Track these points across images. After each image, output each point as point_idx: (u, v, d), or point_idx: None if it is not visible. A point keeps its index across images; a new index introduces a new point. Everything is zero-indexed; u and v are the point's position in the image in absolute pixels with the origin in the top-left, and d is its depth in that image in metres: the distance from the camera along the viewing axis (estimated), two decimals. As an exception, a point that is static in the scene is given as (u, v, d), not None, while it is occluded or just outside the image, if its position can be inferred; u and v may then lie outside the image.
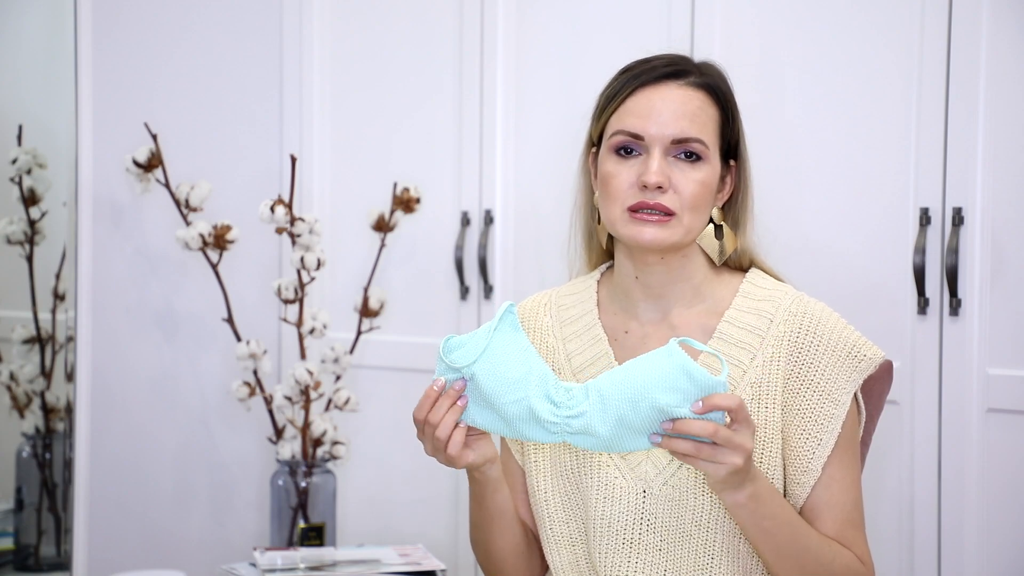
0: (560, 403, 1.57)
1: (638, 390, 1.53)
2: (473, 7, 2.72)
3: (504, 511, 1.76)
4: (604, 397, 1.55)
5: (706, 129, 1.71)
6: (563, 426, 1.56)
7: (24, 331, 2.44)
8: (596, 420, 1.55)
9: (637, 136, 1.69)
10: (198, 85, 2.82)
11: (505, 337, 1.60)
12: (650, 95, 1.71)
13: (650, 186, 1.67)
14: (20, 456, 2.45)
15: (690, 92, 1.72)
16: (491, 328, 1.59)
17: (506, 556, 1.80)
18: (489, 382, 1.58)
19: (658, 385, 1.52)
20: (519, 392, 1.57)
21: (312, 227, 2.50)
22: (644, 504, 1.71)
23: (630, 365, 1.55)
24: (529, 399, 1.57)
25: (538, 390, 1.57)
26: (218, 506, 2.87)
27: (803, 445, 1.69)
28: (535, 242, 2.67)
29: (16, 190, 2.41)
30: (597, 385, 1.56)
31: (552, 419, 1.57)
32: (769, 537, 1.63)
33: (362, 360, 2.83)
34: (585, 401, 1.56)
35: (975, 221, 2.17)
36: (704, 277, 1.76)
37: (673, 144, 1.69)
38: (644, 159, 1.69)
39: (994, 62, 2.15)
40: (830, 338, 1.71)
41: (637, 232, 1.68)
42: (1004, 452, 2.17)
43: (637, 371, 1.54)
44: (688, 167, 1.69)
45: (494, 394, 1.58)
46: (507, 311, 1.60)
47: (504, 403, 1.58)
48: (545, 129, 2.65)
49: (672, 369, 1.52)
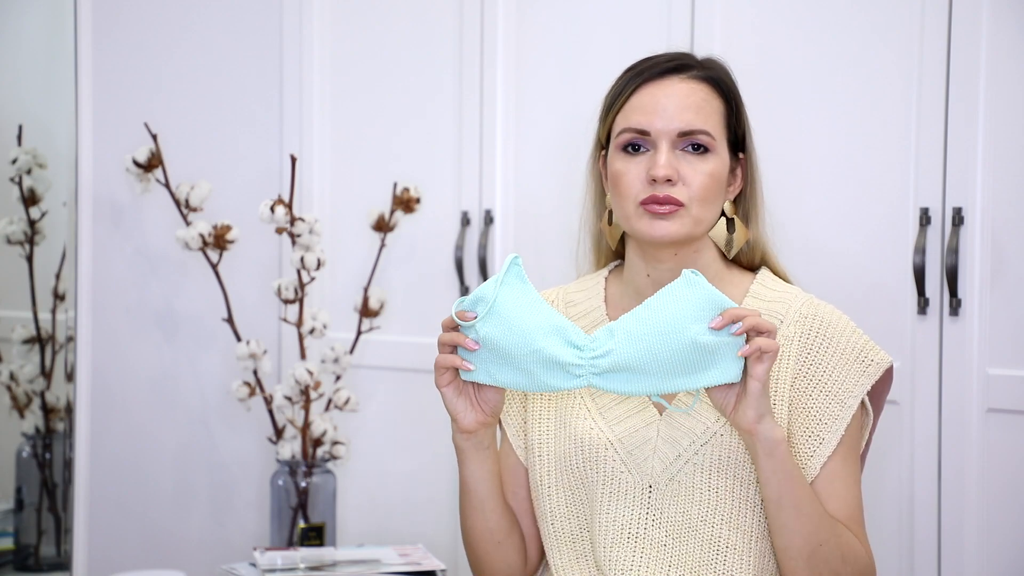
0: (583, 346, 1.55)
1: (668, 322, 1.53)
2: (473, 7, 2.72)
3: (473, 489, 1.74)
4: (631, 333, 1.54)
5: (711, 120, 1.71)
6: (589, 367, 1.55)
7: (24, 331, 2.44)
8: (625, 356, 1.53)
9: (643, 132, 1.70)
10: (198, 85, 2.82)
11: (513, 291, 1.58)
12: (653, 91, 1.72)
13: (659, 179, 1.68)
14: (20, 456, 2.44)
15: (693, 85, 1.72)
16: (497, 281, 1.57)
17: (477, 538, 1.79)
18: (503, 336, 1.55)
19: (687, 315, 1.52)
20: (536, 342, 1.55)
21: (312, 227, 2.50)
22: (650, 500, 1.71)
23: (652, 302, 1.55)
24: (547, 348, 1.54)
25: (557, 338, 1.55)
26: (218, 506, 2.87)
27: (805, 443, 1.70)
28: (535, 242, 2.67)
29: (16, 190, 2.41)
30: (622, 325, 1.55)
31: (577, 362, 1.55)
32: (795, 487, 1.61)
33: (362, 360, 2.83)
34: (611, 340, 1.54)
35: (975, 221, 2.17)
36: (715, 274, 1.76)
37: (680, 137, 1.70)
38: (652, 154, 1.70)
39: (994, 62, 2.15)
40: (840, 341, 1.71)
41: (649, 227, 1.69)
42: (1004, 452, 2.17)
43: (662, 305, 1.54)
44: (696, 159, 1.70)
45: (510, 347, 1.55)
46: (512, 263, 1.58)
47: (522, 355, 1.55)
48: (545, 129, 2.65)
49: (698, 298, 1.53)
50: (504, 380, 1.58)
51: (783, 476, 1.61)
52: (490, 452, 1.72)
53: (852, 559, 1.67)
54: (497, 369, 1.58)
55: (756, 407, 1.56)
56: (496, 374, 1.58)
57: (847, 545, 1.67)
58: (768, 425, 1.58)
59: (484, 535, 1.78)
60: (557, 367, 1.55)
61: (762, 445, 1.59)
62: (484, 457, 1.72)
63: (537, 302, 1.58)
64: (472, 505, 1.77)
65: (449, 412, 1.65)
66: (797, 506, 1.62)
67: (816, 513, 1.64)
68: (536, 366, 1.56)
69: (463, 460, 1.72)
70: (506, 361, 1.57)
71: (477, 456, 1.71)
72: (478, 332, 1.57)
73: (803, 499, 1.62)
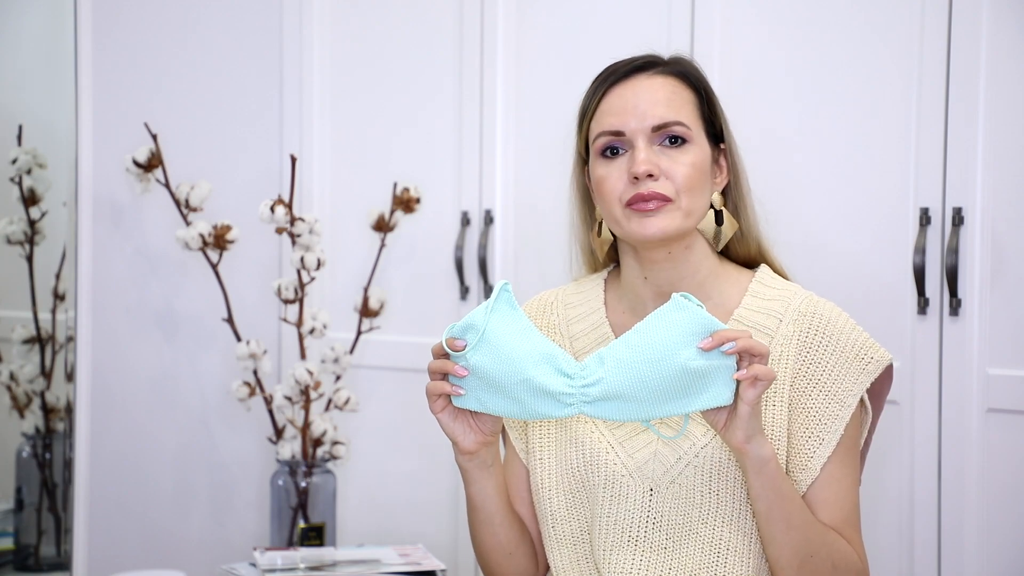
0: (574, 374, 1.55)
1: (658, 349, 1.52)
2: (473, 7, 2.72)
3: (480, 506, 1.74)
4: (621, 361, 1.53)
5: (684, 111, 1.71)
6: (579, 396, 1.54)
7: (24, 331, 2.44)
8: (616, 384, 1.53)
9: (618, 132, 1.70)
10: (198, 85, 2.82)
11: (503, 317, 1.57)
12: (622, 91, 1.72)
13: (640, 176, 1.67)
14: (20, 456, 2.44)
15: (660, 79, 1.73)
16: (487, 308, 1.57)
17: (488, 551, 1.79)
18: (493, 366, 1.55)
19: (677, 341, 1.52)
20: (526, 371, 1.54)
21: (312, 227, 2.50)
22: (651, 502, 1.71)
23: (642, 327, 1.54)
24: (537, 377, 1.54)
25: (547, 367, 1.55)
26: (218, 506, 2.87)
27: (805, 443, 1.70)
28: (535, 242, 2.67)
29: (16, 190, 2.41)
30: (612, 352, 1.54)
31: (567, 390, 1.54)
32: (785, 503, 1.62)
33: (362, 360, 2.83)
34: (600, 368, 1.54)
35: (975, 221, 2.17)
36: (710, 271, 1.76)
37: (655, 132, 1.70)
38: (631, 153, 1.70)
39: (994, 62, 2.15)
40: (839, 339, 1.71)
41: (639, 226, 1.68)
42: (1004, 452, 2.17)
43: (652, 331, 1.53)
44: (675, 152, 1.70)
45: (500, 376, 1.55)
46: (502, 290, 1.58)
47: (512, 384, 1.55)
48: (545, 129, 2.65)
49: (687, 322, 1.52)
50: (495, 408, 1.58)
51: (772, 492, 1.61)
52: (494, 469, 1.72)
53: (844, 567, 1.67)
54: (488, 396, 1.58)
55: (745, 428, 1.56)
56: (487, 402, 1.58)
57: (838, 553, 1.67)
58: (757, 444, 1.58)
59: (495, 548, 1.79)
60: (547, 396, 1.55)
61: (751, 463, 1.59)
62: (489, 475, 1.71)
63: (527, 329, 1.57)
64: (480, 521, 1.77)
65: (448, 436, 1.64)
66: (787, 520, 1.63)
67: (806, 525, 1.64)
68: (526, 394, 1.55)
69: (468, 480, 1.72)
70: (497, 389, 1.57)
71: (481, 476, 1.71)
72: (468, 361, 1.57)
73: (793, 513, 1.63)
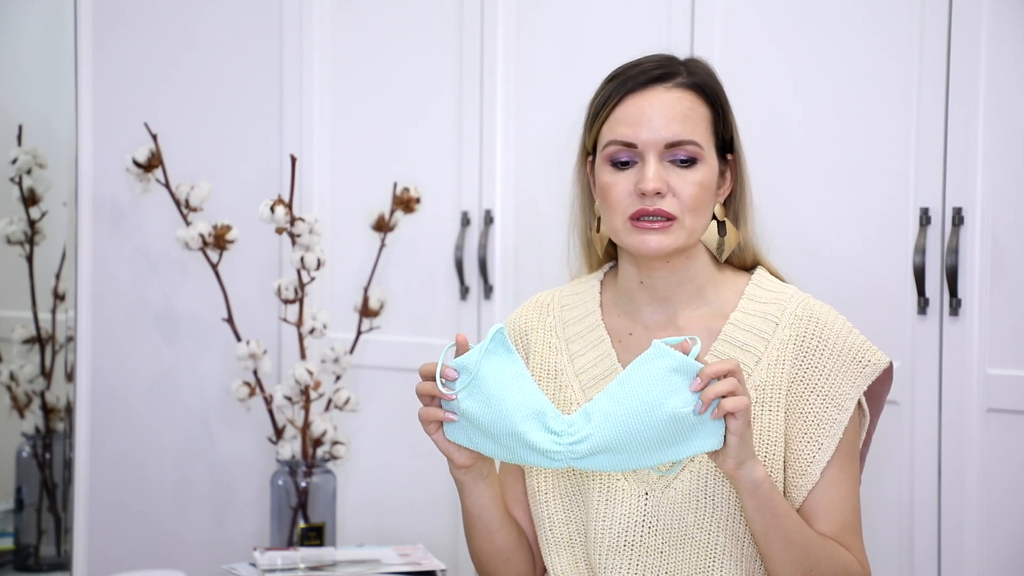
0: (561, 432, 1.55)
1: (645, 399, 1.52)
2: (473, 8, 2.72)
3: (477, 516, 1.75)
4: (608, 416, 1.53)
5: (698, 129, 1.70)
6: (567, 453, 1.55)
7: (24, 331, 2.44)
8: (604, 439, 1.53)
9: (630, 144, 1.68)
10: (198, 85, 2.82)
11: (497, 361, 1.57)
12: (639, 101, 1.70)
13: (648, 193, 1.66)
14: (20, 456, 2.44)
15: (678, 94, 1.70)
16: (482, 349, 1.57)
17: (485, 557, 1.79)
18: (483, 414, 1.56)
19: (663, 390, 1.52)
20: (515, 425, 1.55)
21: (312, 227, 2.50)
22: (646, 507, 1.71)
23: (626, 378, 1.54)
24: (526, 433, 1.55)
25: (535, 423, 1.55)
26: (218, 506, 2.87)
27: (804, 449, 1.69)
28: (535, 242, 2.67)
29: (16, 190, 2.41)
30: (598, 407, 1.54)
31: (554, 448, 1.55)
32: (781, 521, 1.61)
33: (362, 360, 2.83)
34: (587, 425, 1.54)
35: (975, 221, 2.17)
36: (708, 278, 1.76)
37: (667, 148, 1.68)
38: (640, 167, 1.68)
39: (994, 62, 2.15)
40: (835, 342, 1.71)
41: (640, 242, 1.68)
42: (1004, 452, 2.17)
43: (636, 382, 1.53)
44: (685, 170, 1.68)
45: (489, 425, 1.56)
46: (497, 332, 1.57)
47: (501, 434, 1.56)
48: (545, 129, 2.65)
49: (671, 368, 1.52)
50: (484, 449, 1.60)
51: (768, 513, 1.61)
52: (490, 479, 1.72)
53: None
54: (478, 438, 1.59)
55: (736, 456, 1.56)
56: (477, 442, 1.60)
57: (839, 564, 1.67)
58: (748, 469, 1.57)
59: (493, 554, 1.79)
60: (536, 451, 1.56)
61: (744, 486, 1.59)
62: (484, 486, 1.72)
63: (519, 376, 1.57)
64: (477, 529, 1.77)
65: (443, 453, 1.65)
66: (785, 538, 1.62)
67: (805, 540, 1.64)
68: (515, 445, 1.56)
69: (464, 492, 1.72)
70: (487, 435, 1.58)
71: (477, 487, 1.71)
72: (459, 405, 1.58)
73: (791, 531, 1.62)
